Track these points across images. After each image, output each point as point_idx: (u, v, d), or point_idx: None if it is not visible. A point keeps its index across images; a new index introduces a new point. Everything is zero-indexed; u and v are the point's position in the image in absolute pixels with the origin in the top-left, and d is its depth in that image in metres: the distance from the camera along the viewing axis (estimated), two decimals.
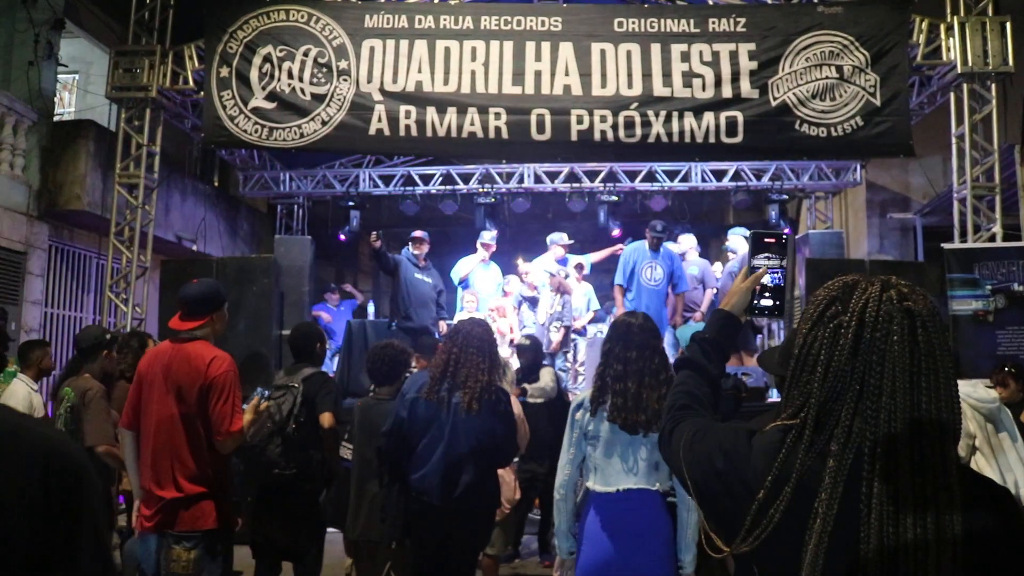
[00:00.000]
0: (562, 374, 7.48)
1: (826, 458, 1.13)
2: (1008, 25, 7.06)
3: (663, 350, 3.09)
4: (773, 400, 6.19)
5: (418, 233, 8.00)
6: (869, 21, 7.10)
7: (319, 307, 9.69)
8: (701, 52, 7.17)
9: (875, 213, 10.00)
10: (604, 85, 7.17)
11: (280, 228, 11.84)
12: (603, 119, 7.10)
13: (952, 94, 7.39)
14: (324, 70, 7.34)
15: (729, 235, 8.83)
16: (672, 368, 2.99)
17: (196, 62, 7.72)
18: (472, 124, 7.18)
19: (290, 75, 7.34)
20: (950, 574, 1.04)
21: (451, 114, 7.20)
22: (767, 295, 1.64)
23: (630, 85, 7.16)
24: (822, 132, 7.03)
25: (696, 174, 10.25)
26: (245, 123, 7.36)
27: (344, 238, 11.18)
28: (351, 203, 10.80)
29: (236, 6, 7.50)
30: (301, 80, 7.34)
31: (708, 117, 7.09)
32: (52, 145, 8.21)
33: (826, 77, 7.06)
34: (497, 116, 7.16)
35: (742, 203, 10.48)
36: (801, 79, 7.06)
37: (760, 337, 9.21)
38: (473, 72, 7.24)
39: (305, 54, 7.35)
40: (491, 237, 9.16)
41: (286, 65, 7.35)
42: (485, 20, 7.34)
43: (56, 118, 8.76)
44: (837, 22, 7.11)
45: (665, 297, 7.91)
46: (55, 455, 0.94)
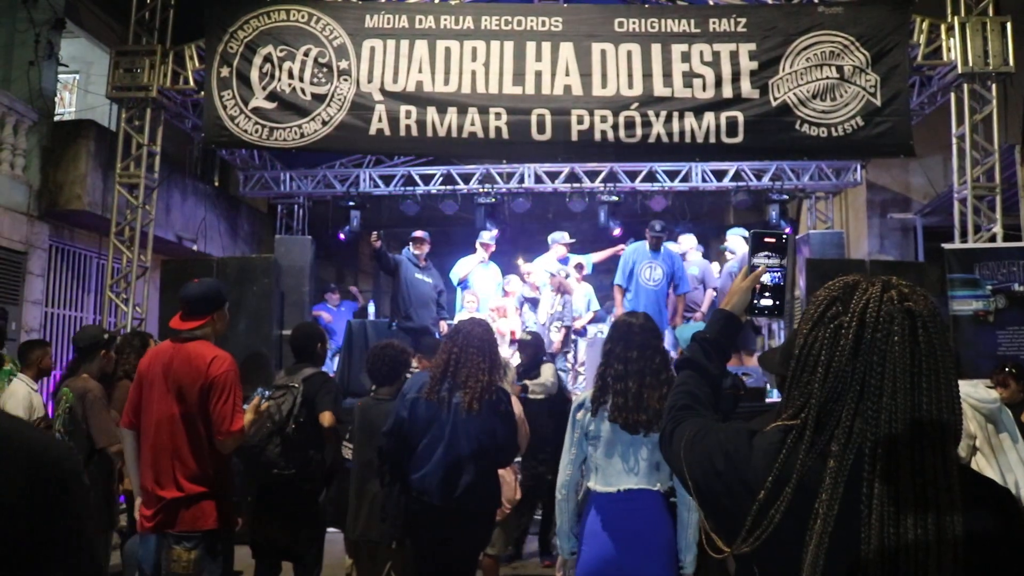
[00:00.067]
0: (562, 374, 7.47)
1: (827, 459, 1.13)
2: (1008, 25, 7.06)
3: (664, 350, 3.09)
4: (772, 400, 6.18)
5: (419, 233, 8.00)
6: (869, 21, 7.10)
7: (319, 307, 9.70)
8: (701, 52, 7.17)
9: (875, 213, 9.99)
10: (604, 85, 7.17)
11: (280, 228, 11.85)
12: (603, 119, 7.10)
13: (952, 94, 7.39)
14: (324, 70, 7.34)
15: (727, 235, 8.82)
16: (673, 368, 2.99)
17: (197, 62, 7.71)
18: (472, 124, 7.17)
19: (290, 75, 7.34)
20: (951, 575, 1.04)
21: (451, 114, 7.20)
22: (767, 295, 1.64)
23: (630, 85, 7.16)
24: (822, 132, 7.03)
25: (696, 174, 10.25)
26: (245, 123, 7.36)
27: (344, 238, 11.18)
28: (351, 203, 10.80)
29: (236, 6, 7.50)
30: (302, 80, 7.34)
31: (708, 117, 7.09)
32: (53, 145, 8.21)
33: (826, 77, 7.06)
34: (497, 116, 7.16)
35: (742, 203, 10.47)
36: (801, 79, 7.06)
37: (760, 337, 9.21)
38: (474, 72, 7.24)
39: (306, 54, 7.35)
40: (490, 237, 9.15)
41: (287, 65, 7.35)
42: (486, 20, 7.34)
43: (57, 118, 8.76)
44: (837, 22, 7.10)
45: (665, 297, 7.90)
46: (42, 461, 0.93)
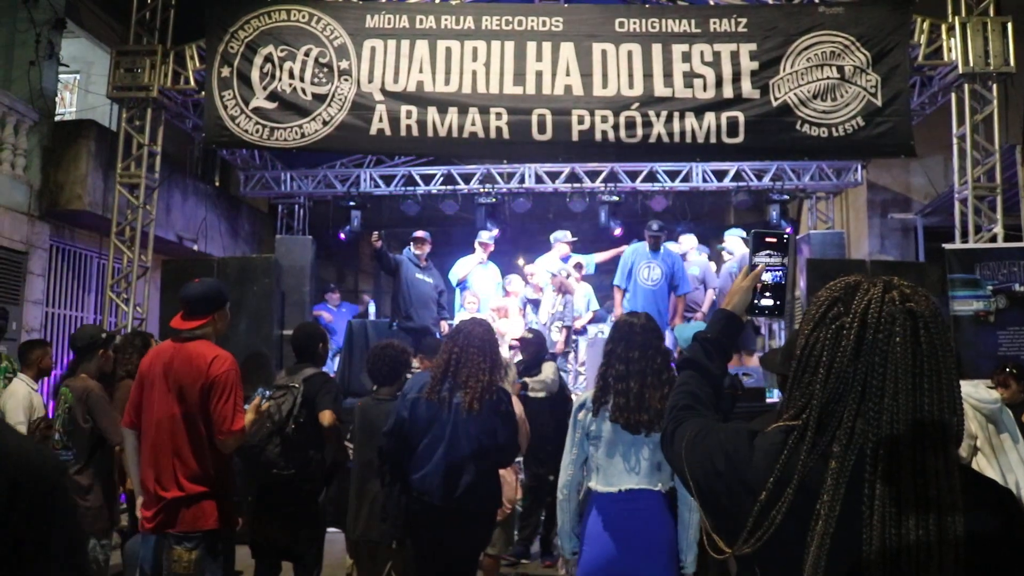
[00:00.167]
0: (564, 374, 7.46)
1: (828, 459, 1.13)
2: (1009, 25, 7.06)
3: (665, 350, 3.09)
4: (772, 400, 6.18)
5: (420, 233, 8.00)
6: (870, 21, 7.09)
7: (320, 307, 9.70)
8: (702, 52, 7.17)
9: (876, 213, 9.99)
10: (605, 85, 7.16)
11: (281, 228, 11.86)
12: (604, 119, 7.10)
13: (953, 94, 7.38)
14: (325, 70, 7.34)
15: (726, 236, 8.82)
16: (674, 368, 2.99)
17: (197, 62, 7.71)
18: (473, 124, 7.17)
19: (291, 75, 7.34)
20: (952, 575, 1.04)
21: (452, 114, 7.19)
22: (768, 294, 1.64)
23: (631, 85, 7.16)
24: (823, 132, 7.02)
25: (697, 174, 10.24)
26: (246, 123, 7.36)
27: (345, 238, 11.19)
28: (352, 203, 10.80)
29: (237, 6, 7.50)
30: (302, 80, 7.34)
31: (709, 117, 7.08)
32: (53, 145, 8.21)
33: (827, 77, 7.06)
34: (498, 116, 7.16)
35: (743, 203, 10.47)
36: (802, 79, 7.06)
37: (760, 337, 9.21)
38: (474, 72, 7.24)
39: (306, 54, 7.35)
40: (489, 237, 9.15)
41: (287, 65, 7.35)
42: (486, 20, 7.34)
43: (57, 118, 8.76)
44: (838, 22, 7.10)
45: (665, 297, 7.87)
46: (24, 470, 0.93)
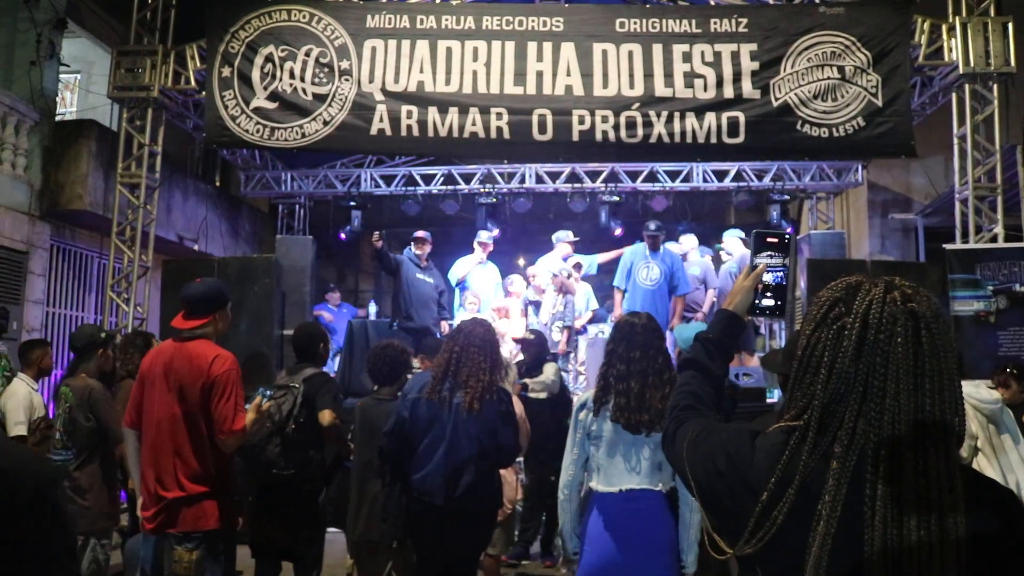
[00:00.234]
0: (565, 375, 7.46)
1: (829, 460, 1.12)
2: (1010, 26, 7.04)
3: (667, 350, 3.09)
4: (772, 401, 6.18)
5: (421, 233, 8.00)
6: (871, 22, 7.08)
7: (320, 307, 9.70)
8: (703, 52, 7.16)
9: (877, 213, 9.99)
10: (606, 85, 7.16)
11: (281, 228, 11.86)
12: (605, 119, 7.09)
13: (954, 95, 7.37)
14: (326, 70, 7.34)
15: (724, 237, 8.80)
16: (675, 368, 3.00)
17: (198, 62, 7.71)
18: (474, 124, 7.17)
19: (292, 75, 7.34)
20: None
21: (453, 114, 7.19)
22: (769, 295, 1.64)
23: (632, 85, 7.15)
24: (824, 132, 7.02)
25: (697, 174, 10.24)
26: (247, 123, 7.36)
27: (345, 238, 11.20)
28: (352, 203, 10.81)
29: (238, 6, 7.50)
30: (303, 80, 7.34)
31: (710, 117, 7.08)
32: (54, 145, 8.21)
33: (828, 78, 7.05)
34: (499, 116, 7.15)
35: (743, 204, 10.47)
36: (803, 79, 7.05)
37: (760, 337, 9.20)
38: (475, 72, 7.23)
39: (307, 54, 7.35)
40: (487, 236, 9.13)
41: (288, 65, 7.35)
42: (487, 20, 7.33)
43: (58, 118, 8.76)
44: (839, 23, 7.09)
45: (664, 297, 7.85)
46: (13, 476, 0.93)
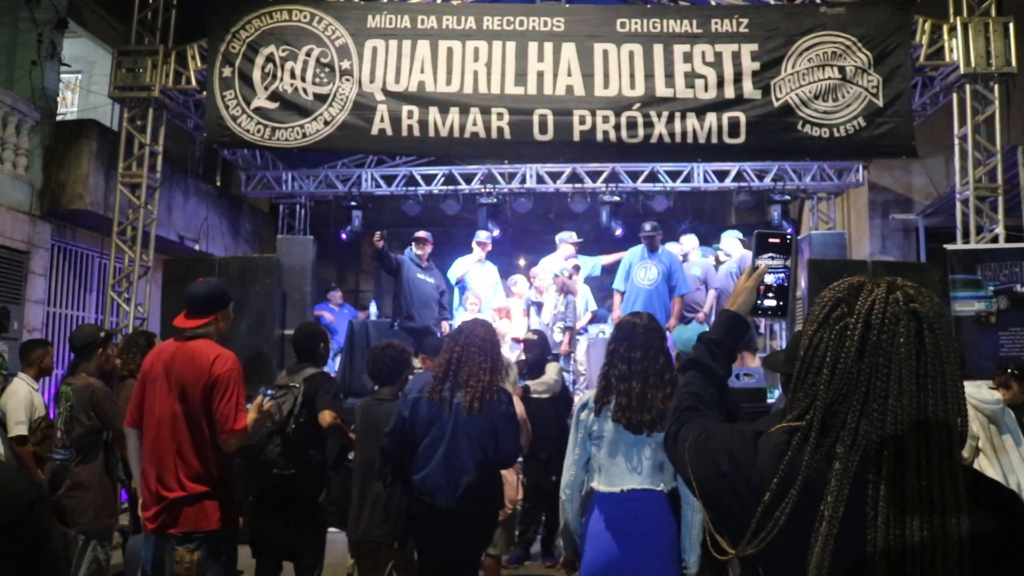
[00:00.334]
0: (566, 375, 7.46)
1: (832, 460, 1.12)
2: (1011, 26, 7.04)
3: (668, 350, 3.09)
4: (771, 401, 6.18)
5: (421, 233, 8.00)
6: (872, 22, 7.08)
7: (321, 307, 9.70)
8: (703, 53, 7.16)
9: (877, 214, 9.98)
10: (607, 85, 7.16)
11: (282, 228, 11.86)
12: (605, 119, 7.09)
13: (955, 95, 7.37)
14: (327, 70, 7.34)
15: (722, 238, 8.80)
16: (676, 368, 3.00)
17: (199, 62, 7.71)
18: (474, 124, 7.17)
19: (292, 75, 7.34)
20: None
21: (453, 114, 7.19)
22: (771, 295, 1.64)
23: (632, 85, 7.15)
24: (824, 133, 7.02)
25: (698, 175, 10.24)
26: (248, 123, 7.36)
27: (346, 238, 11.20)
28: (353, 203, 10.81)
29: (239, 6, 7.50)
30: (304, 80, 7.34)
31: (710, 118, 7.07)
32: (55, 145, 8.22)
33: (828, 78, 7.04)
34: (499, 116, 7.15)
35: (744, 204, 10.47)
36: (804, 80, 7.05)
37: (760, 337, 9.20)
38: (476, 72, 7.23)
39: (308, 54, 7.35)
40: (486, 236, 9.13)
41: (289, 65, 7.35)
42: (488, 20, 7.33)
43: (59, 118, 8.76)
44: (839, 23, 7.09)
45: (662, 296, 7.84)
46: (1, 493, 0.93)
